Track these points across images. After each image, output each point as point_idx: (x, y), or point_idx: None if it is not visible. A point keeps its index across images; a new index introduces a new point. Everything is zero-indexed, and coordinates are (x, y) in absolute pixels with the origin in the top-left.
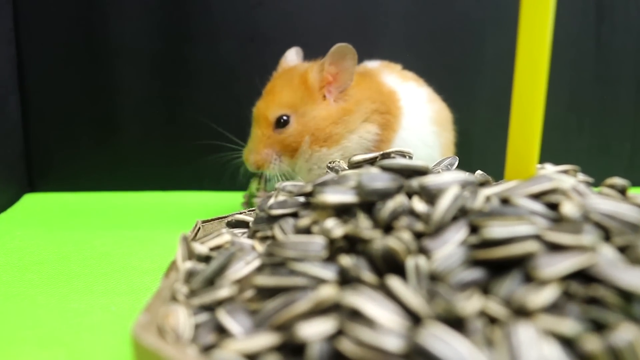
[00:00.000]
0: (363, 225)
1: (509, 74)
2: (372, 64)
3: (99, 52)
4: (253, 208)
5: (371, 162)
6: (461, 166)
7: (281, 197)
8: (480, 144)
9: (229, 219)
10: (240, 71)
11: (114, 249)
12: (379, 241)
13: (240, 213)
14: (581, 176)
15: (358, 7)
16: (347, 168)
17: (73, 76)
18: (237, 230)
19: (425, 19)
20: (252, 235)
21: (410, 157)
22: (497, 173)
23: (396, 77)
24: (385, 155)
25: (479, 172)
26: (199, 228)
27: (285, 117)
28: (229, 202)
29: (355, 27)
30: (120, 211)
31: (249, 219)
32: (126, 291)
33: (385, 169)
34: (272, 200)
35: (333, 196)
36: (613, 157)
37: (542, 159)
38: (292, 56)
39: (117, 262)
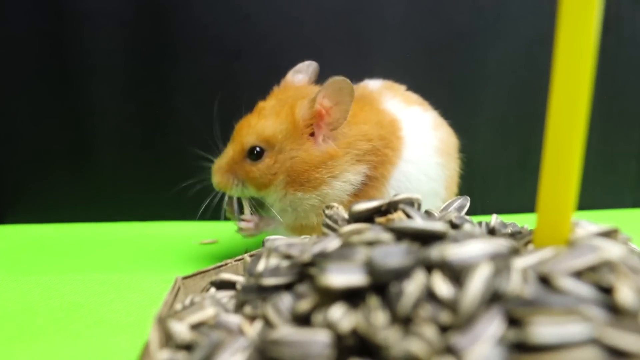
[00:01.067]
0: (377, 321)
1: (513, 91)
2: (373, 85)
3: (69, 71)
4: (240, 257)
5: (376, 212)
6: (461, 192)
7: (273, 260)
8: (481, 166)
9: (214, 278)
10: (224, 90)
11: (86, 298)
12: (399, 346)
13: (226, 264)
14: (624, 239)
15: (352, 19)
16: (346, 218)
17: (42, 98)
18: (222, 294)
19: (423, 31)
20: (240, 306)
21: (420, 205)
22: (500, 200)
23: (399, 102)
24: (392, 205)
25: (495, 217)
26: (179, 287)
27: (258, 150)
28: (214, 232)
29: (349, 41)
30: (95, 246)
31: (236, 278)
32: (97, 355)
33: (398, 233)
34: (262, 264)
35: (339, 277)
36: (619, 176)
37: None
38: (303, 71)
39: (88, 315)
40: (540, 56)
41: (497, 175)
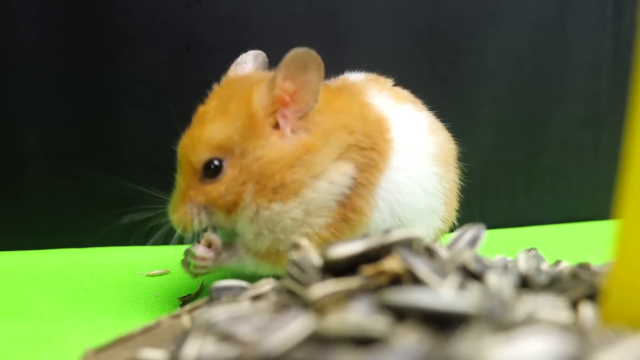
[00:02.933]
0: None
1: (515, 86)
2: (354, 77)
3: None
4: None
5: (360, 259)
6: (458, 203)
7: (208, 346)
8: (480, 173)
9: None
10: (173, 89)
11: None
12: None
13: (158, 324)
14: None
15: (326, 4)
16: (319, 266)
17: None
18: None
19: (412, 17)
20: None
21: (422, 247)
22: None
23: (388, 98)
24: (385, 249)
25: (523, 257)
26: None
27: (216, 163)
28: (165, 260)
29: (322, 29)
30: (13, 282)
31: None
32: None
33: (399, 312)
34: (192, 349)
35: None
36: None
37: (553, 184)
38: (248, 63)
39: None
40: (546, 46)
41: (498, 183)
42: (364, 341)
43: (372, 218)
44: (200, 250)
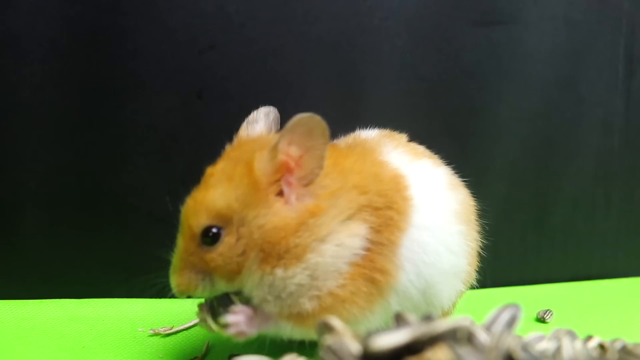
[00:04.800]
0: None
1: (527, 142)
2: (367, 134)
3: None
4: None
5: (406, 350)
6: None
7: None
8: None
9: None
10: (183, 137)
11: None
12: None
13: None
14: None
15: (342, 55)
16: (357, 355)
17: None
18: None
19: (426, 71)
20: None
21: (470, 335)
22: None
23: (404, 154)
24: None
25: (568, 341)
26: None
27: (214, 231)
28: (171, 315)
29: (337, 80)
30: (6, 334)
31: None
32: None
33: None
34: None
35: None
36: None
37: (564, 241)
38: (260, 121)
39: None
40: (558, 103)
41: (510, 239)
42: None
43: (399, 279)
44: (231, 317)
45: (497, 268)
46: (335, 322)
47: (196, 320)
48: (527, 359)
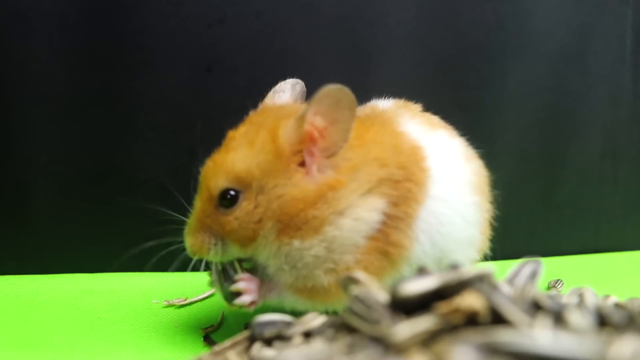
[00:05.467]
0: None
1: (535, 115)
2: (383, 104)
3: None
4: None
5: (434, 297)
6: None
7: None
8: (501, 203)
9: None
10: (193, 111)
11: None
12: None
13: None
14: None
15: (351, 28)
16: (386, 304)
17: None
18: None
19: (434, 43)
20: None
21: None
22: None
23: (421, 125)
24: (459, 285)
25: (590, 294)
26: None
27: (232, 193)
28: (184, 287)
29: (345, 53)
30: (22, 308)
31: None
32: None
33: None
34: None
35: None
36: None
37: (572, 214)
38: (286, 91)
39: None
40: (567, 76)
41: (519, 213)
42: None
43: (413, 251)
44: (241, 284)
45: (506, 241)
46: (361, 275)
47: (210, 292)
48: (554, 306)
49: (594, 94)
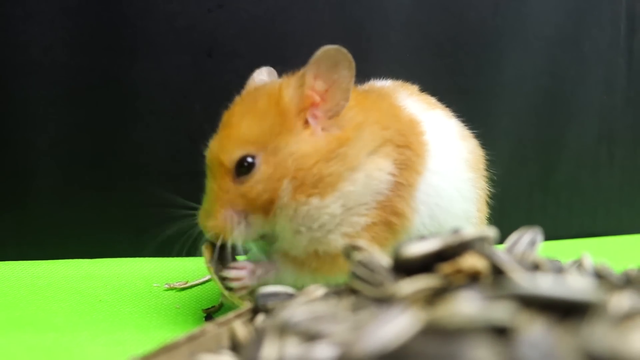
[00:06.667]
0: None
1: (532, 100)
2: (381, 83)
3: None
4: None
5: (433, 258)
6: None
7: (292, 347)
8: (498, 187)
9: None
10: (193, 95)
11: None
12: None
13: (203, 332)
14: None
15: (349, 13)
16: (388, 267)
17: None
18: None
19: (431, 28)
20: None
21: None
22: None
23: (418, 102)
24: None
25: (587, 258)
26: None
27: (249, 160)
28: (185, 271)
29: (345, 38)
30: (23, 291)
31: None
32: None
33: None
34: (272, 351)
35: None
36: None
37: (569, 198)
38: (264, 77)
39: None
40: (563, 61)
41: (516, 197)
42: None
43: (414, 222)
44: (233, 272)
45: (503, 225)
46: (362, 242)
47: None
48: (553, 267)
49: (589, 78)
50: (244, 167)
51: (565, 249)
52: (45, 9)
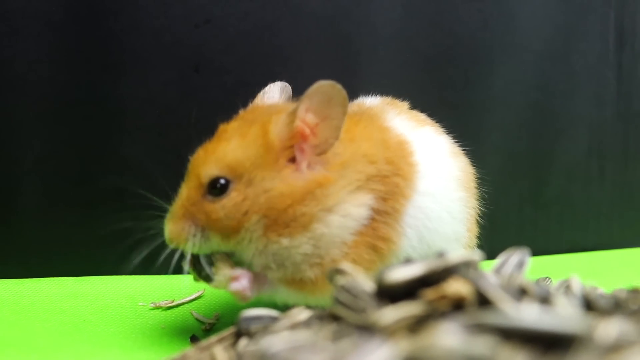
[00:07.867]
0: None
1: (521, 114)
2: (370, 101)
3: None
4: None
5: (417, 283)
6: None
7: None
8: (488, 202)
9: None
10: (180, 111)
11: None
12: None
13: (184, 357)
14: None
15: (337, 29)
16: (371, 292)
17: None
18: None
19: (420, 43)
20: None
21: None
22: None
23: (407, 121)
24: (445, 272)
25: (576, 282)
26: None
27: (222, 182)
28: (171, 289)
29: (333, 53)
30: (6, 311)
31: None
32: None
33: (498, 333)
34: None
35: None
36: (638, 210)
37: (560, 213)
38: (275, 94)
39: None
40: (552, 75)
41: (506, 212)
42: None
43: (401, 246)
44: (235, 285)
45: (494, 240)
46: (346, 265)
47: (198, 293)
48: (540, 292)
49: (579, 92)
50: (216, 188)
51: (557, 264)
52: (30, 24)
